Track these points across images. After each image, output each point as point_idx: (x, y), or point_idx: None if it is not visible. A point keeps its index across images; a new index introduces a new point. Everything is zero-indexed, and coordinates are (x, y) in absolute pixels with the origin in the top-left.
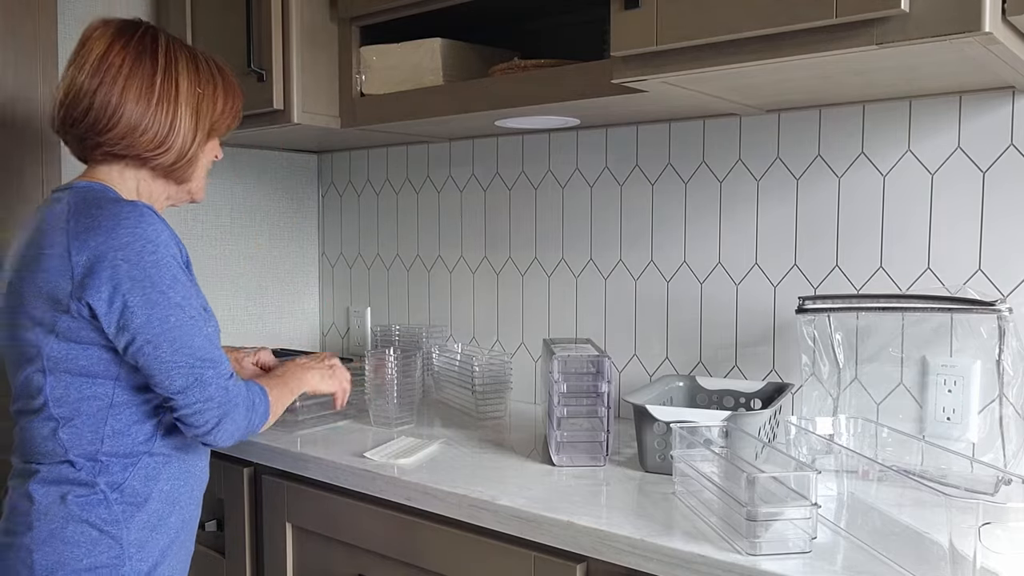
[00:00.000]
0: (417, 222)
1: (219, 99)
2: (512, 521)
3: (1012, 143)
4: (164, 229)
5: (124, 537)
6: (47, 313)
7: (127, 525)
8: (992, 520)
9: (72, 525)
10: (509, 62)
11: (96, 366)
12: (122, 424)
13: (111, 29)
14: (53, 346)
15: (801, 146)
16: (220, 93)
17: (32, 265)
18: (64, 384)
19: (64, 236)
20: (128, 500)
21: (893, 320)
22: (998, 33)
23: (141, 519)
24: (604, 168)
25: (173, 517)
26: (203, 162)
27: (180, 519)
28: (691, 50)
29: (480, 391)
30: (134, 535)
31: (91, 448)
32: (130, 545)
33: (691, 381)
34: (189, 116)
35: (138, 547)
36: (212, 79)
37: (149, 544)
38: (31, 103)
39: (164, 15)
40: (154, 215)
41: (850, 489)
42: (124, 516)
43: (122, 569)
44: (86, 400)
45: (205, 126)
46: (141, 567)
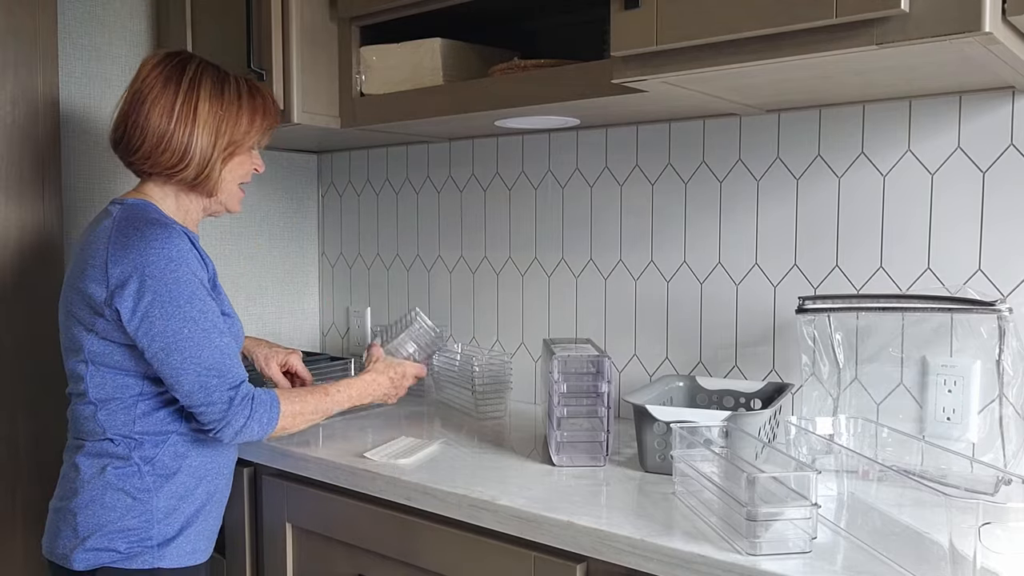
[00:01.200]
0: (417, 222)
1: (242, 119)
2: (512, 521)
3: (1012, 143)
4: (188, 250)
5: (154, 504)
6: (88, 314)
7: (157, 493)
8: (992, 520)
9: (110, 492)
10: (509, 62)
11: (127, 362)
12: (151, 408)
13: (152, 59)
14: (93, 342)
15: (801, 146)
16: (244, 113)
17: (80, 271)
18: (101, 374)
19: (105, 250)
20: (159, 472)
21: (893, 320)
22: (998, 33)
23: (169, 489)
24: (604, 168)
25: (200, 489)
26: (229, 176)
27: (207, 491)
28: (691, 50)
29: (480, 391)
30: (163, 503)
31: (125, 428)
32: (158, 511)
33: (691, 381)
34: (207, 135)
35: (166, 513)
36: (236, 101)
37: (176, 511)
38: (31, 103)
39: (164, 16)
40: (180, 238)
41: (850, 489)
42: (155, 486)
43: (151, 531)
44: (119, 388)
45: (223, 143)
46: (168, 530)
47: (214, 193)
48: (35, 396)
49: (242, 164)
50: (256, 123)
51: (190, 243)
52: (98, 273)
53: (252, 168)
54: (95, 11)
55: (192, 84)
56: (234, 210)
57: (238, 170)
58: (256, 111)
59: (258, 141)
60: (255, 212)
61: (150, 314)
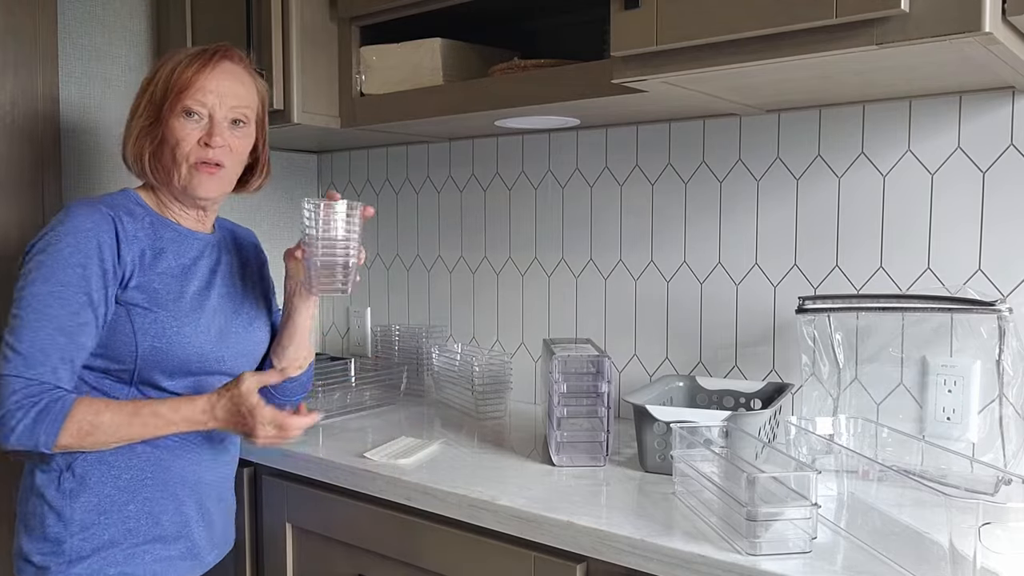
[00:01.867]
0: (417, 222)
1: (156, 77)
2: (512, 521)
3: (1012, 143)
4: (91, 229)
5: (67, 515)
6: None
7: (71, 503)
8: (992, 520)
9: (32, 497)
10: (509, 62)
11: None
12: None
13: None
14: None
15: (801, 146)
16: (157, 71)
17: None
18: None
19: None
20: (77, 480)
21: (893, 320)
22: (998, 33)
23: (88, 500)
24: (604, 168)
25: (132, 507)
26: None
27: (145, 511)
28: (691, 50)
29: (480, 391)
30: (78, 515)
31: None
32: (73, 523)
33: (691, 381)
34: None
35: (81, 527)
36: (160, 64)
37: (96, 527)
38: (31, 103)
39: (164, 16)
40: (90, 217)
41: (850, 489)
42: (71, 495)
43: (63, 545)
44: None
45: (139, 110)
46: (83, 547)
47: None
48: None
49: (172, 134)
50: (162, 75)
51: (111, 216)
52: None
53: (194, 139)
54: (95, 11)
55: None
56: (194, 192)
57: (168, 142)
58: (166, 63)
59: (179, 100)
60: (255, 212)
61: (20, 278)
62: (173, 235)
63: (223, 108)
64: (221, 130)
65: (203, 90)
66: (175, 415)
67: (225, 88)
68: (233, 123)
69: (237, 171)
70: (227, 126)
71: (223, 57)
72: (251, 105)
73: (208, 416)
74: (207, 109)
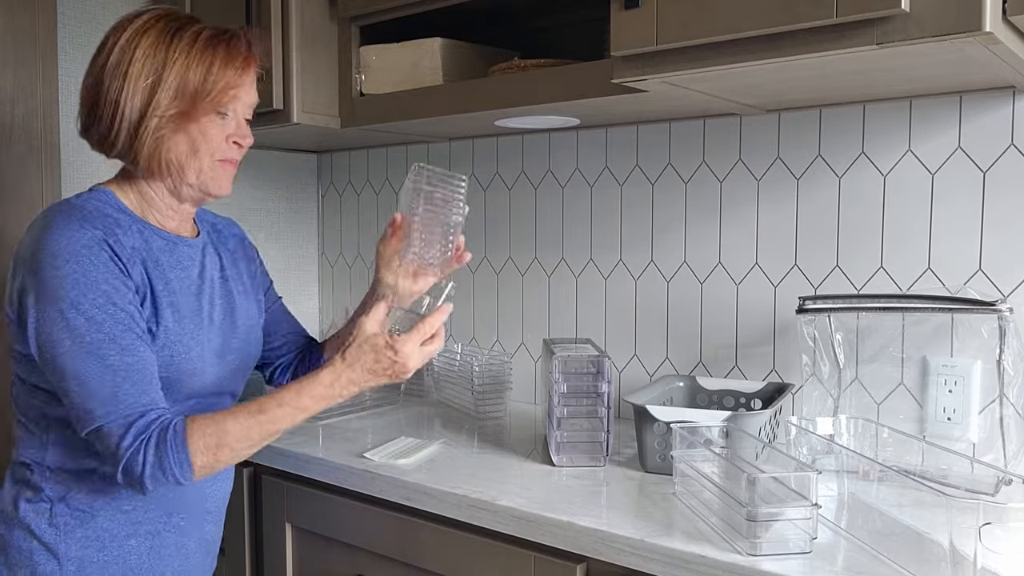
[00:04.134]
0: None
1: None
2: (512, 521)
3: (1012, 143)
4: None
5: (62, 551)
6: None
7: (66, 539)
8: (992, 520)
9: (17, 530)
10: (509, 62)
11: (30, 375)
12: (64, 437)
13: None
14: (12, 350)
15: (801, 146)
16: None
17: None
18: (19, 384)
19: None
20: (73, 513)
21: (893, 320)
22: (999, 33)
23: (84, 535)
24: (604, 168)
25: (133, 541)
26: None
27: (147, 545)
28: (691, 50)
29: (480, 391)
30: (74, 551)
31: (36, 455)
32: (68, 561)
33: (691, 381)
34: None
35: (78, 564)
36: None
37: (94, 564)
38: (31, 103)
39: None
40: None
41: (851, 489)
42: (65, 529)
43: None
44: (31, 407)
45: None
46: None
47: (163, 172)
48: None
49: (205, 132)
50: (212, 77)
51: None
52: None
53: (229, 138)
54: (95, 11)
55: (136, 34)
56: (215, 191)
57: (200, 140)
58: (213, 62)
59: (223, 101)
60: (255, 212)
61: (30, 317)
62: (163, 244)
63: (248, 110)
64: (248, 129)
65: (238, 95)
66: (301, 399)
67: (253, 92)
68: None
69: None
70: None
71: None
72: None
73: (342, 383)
74: (239, 112)
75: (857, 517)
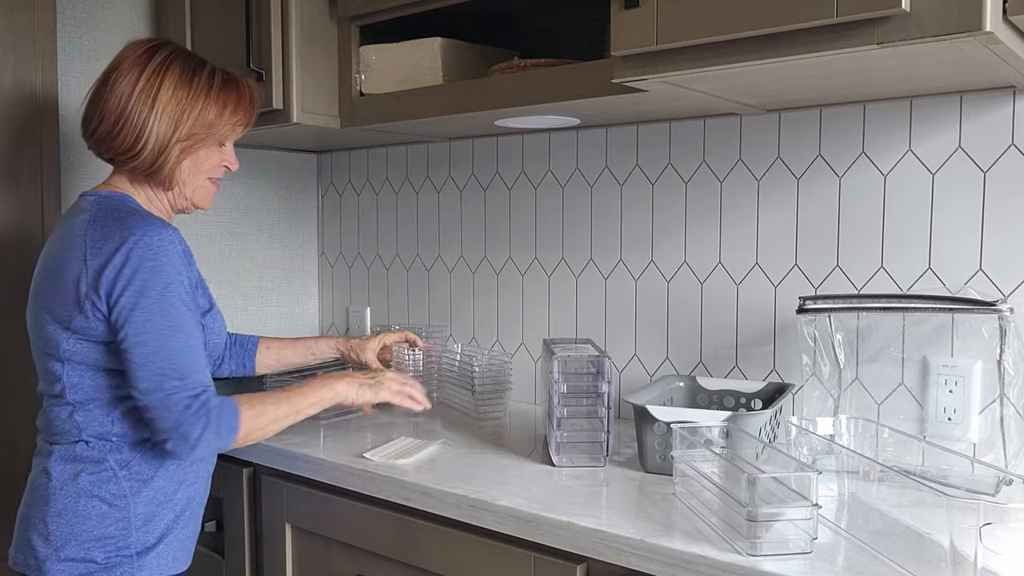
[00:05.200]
0: (417, 222)
1: (209, 110)
2: (512, 521)
3: (1013, 143)
4: (170, 242)
5: (131, 510)
6: (65, 311)
7: (134, 499)
8: (993, 520)
9: (84, 500)
10: (509, 62)
11: (105, 360)
12: (129, 409)
13: (130, 44)
14: (69, 341)
15: (801, 146)
16: (212, 104)
17: (56, 266)
18: (79, 373)
19: (83, 243)
20: (135, 477)
21: (894, 320)
22: (999, 33)
23: (147, 494)
24: (604, 168)
25: (179, 494)
26: (192, 168)
27: (186, 496)
28: (691, 50)
29: (480, 391)
30: (140, 508)
31: (102, 429)
32: (136, 518)
33: (691, 381)
34: (166, 121)
35: (144, 520)
36: (205, 91)
37: (156, 518)
38: (31, 103)
39: (163, 15)
40: (163, 228)
41: (851, 489)
42: (132, 491)
43: (129, 539)
44: (98, 389)
45: (183, 132)
46: (147, 538)
47: (172, 186)
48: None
49: (208, 158)
50: (225, 116)
51: (173, 235)
52: (76, 266)
53: (222, 164)
54: (95, 11)
55: (159, 68)
56: (202, 205)
57: (203, 164)
58: (227, 104)
59: (227, 135)
60: (255, 212)
61: (124, 303)
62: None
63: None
64: (235, 157)
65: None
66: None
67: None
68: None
69: None
70: None
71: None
72: None
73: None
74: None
75: (857, 517)
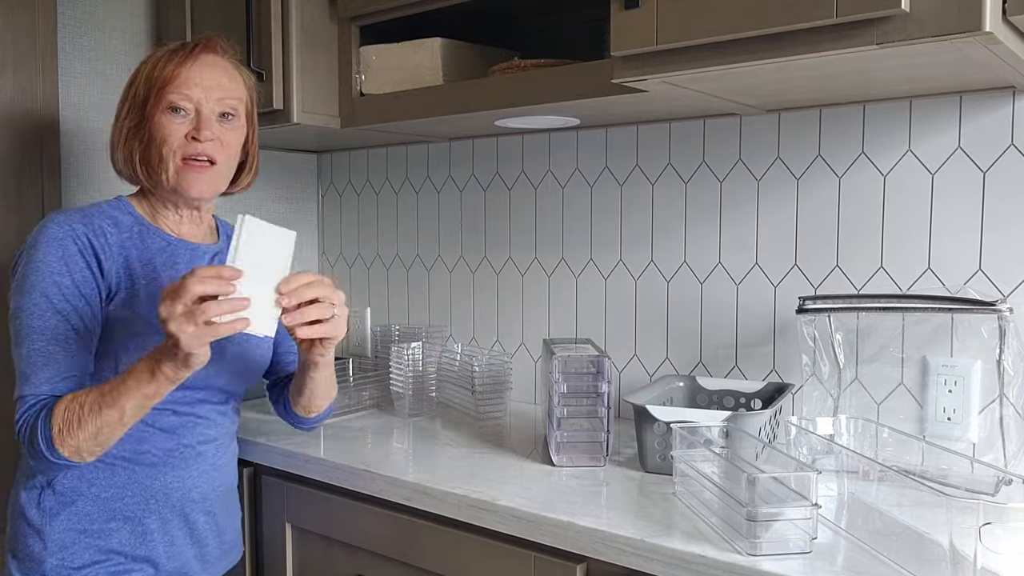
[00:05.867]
0: (417, 222)
1: (140, 76)
2: (512, 521)
3: (1013, 143)
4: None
5: (47, 534)
6: None
7: (51, 522)
8: (993, 520)
9: (16, 519)
10: (509, 62)
11: None
12: None
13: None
14: None
15: (801, 146)
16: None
17: None
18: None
19: None
20: (57, 497)
21: (893, 320)
22: (999, 33)
23: (67, 519)
24: (604, 168)
25: (113, 524)
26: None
27: (127, 529)
28: (691, 50)
29: (480, 391)
30: (57, 534)
31: None
32: (52, 543)
33: (691, 381)
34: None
35: (61, 547)
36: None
37: (76, 546)
38: (31, 103)
39: (164, 16)
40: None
41: (850, 489)
42: (50, 513)
43: (43, 566)
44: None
45: (123, 111)
46: (62, 568)
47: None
48: None
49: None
50: (157, 70)
51: (84, 232)
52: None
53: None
54: (95, 11)
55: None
56: (190, 193)
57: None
58: (161, 58)
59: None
60: (255, 212)
61: (10, 296)
62: (163, 245)
63: (210, 101)
64: (209, 123)
65: (187, 83)
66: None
67: (210, 80)
68: (222, 116)
69: (230, 168)
70: (215, 119)
71: (205, 49)
72: (239, 96)
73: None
74: (193, 103)
75: (857, 517)
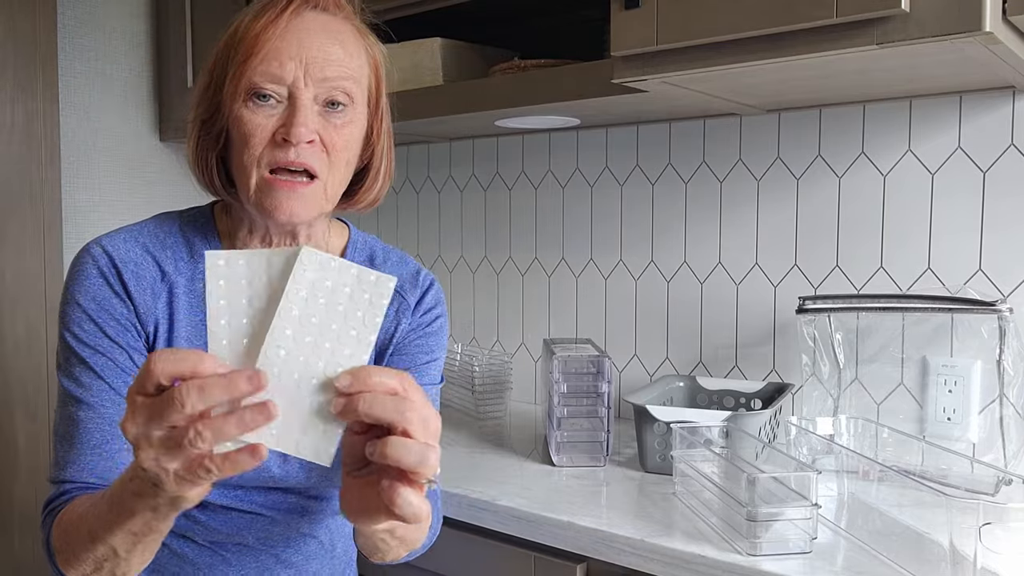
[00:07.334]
0: (417, 222)
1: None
2: (512, 521)
3: (1012, 143)
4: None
5: None
6: None
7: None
8: (992, 520)
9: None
10: (509, 62)
11: None
12: None
13: None
14: None
15: (801, 146)
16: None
17: None
18: None
19: None
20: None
21: (893, 320)
22: (999, 33)
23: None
24: (604, 168)
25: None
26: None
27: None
28: (691, 50)
29: (480, 391)
30: None
31: None
32: None
33: (691, 381)
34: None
35: None
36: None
37: None
38: (31, 103)
39: (164, 16)
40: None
41: (850, 489)
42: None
43: None
44: None
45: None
46: None
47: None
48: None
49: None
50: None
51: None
52: None
53: (256, 131)
54: (95, 11)
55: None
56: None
57: (236, 137)
58: (242, 22)
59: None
60: None
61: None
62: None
63: (311, 82)
64: (307, 116)
65: (277, 56)
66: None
67: (313, 49)
68: (329, 105)
69: (341, 179)
70: (317, 110)
71: (307, 2)
72: (356, 75)
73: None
74: (286, 86)
75: (857, 517)
